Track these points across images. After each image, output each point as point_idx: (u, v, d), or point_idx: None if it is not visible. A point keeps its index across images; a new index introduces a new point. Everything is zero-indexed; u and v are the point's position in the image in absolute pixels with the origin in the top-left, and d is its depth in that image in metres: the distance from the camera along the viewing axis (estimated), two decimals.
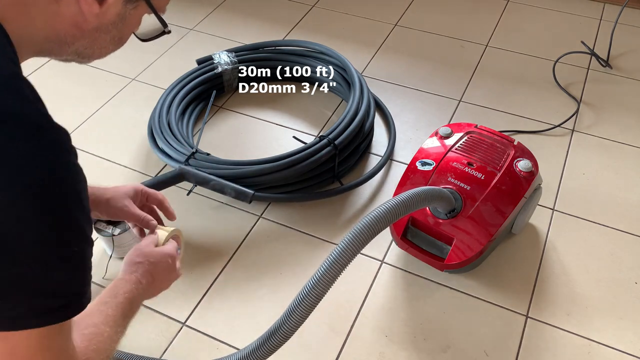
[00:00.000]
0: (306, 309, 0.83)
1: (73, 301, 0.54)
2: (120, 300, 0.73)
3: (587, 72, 1.72)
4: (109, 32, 0.60)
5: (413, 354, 1.07)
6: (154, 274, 0.81)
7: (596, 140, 1.50)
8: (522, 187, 1.12)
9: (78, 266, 0.54)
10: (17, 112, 0.48)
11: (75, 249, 0.52)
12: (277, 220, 1.31)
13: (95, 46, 0.60)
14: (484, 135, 1.20)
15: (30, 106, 0.49)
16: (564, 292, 1.16)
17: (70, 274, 0.53)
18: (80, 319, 0.63)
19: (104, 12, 0.56)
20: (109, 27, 0.59)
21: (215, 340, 1.09)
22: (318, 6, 2.03)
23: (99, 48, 0.61)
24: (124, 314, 0.73)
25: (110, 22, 0.58)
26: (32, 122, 0.48)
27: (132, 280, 0.78)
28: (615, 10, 1.88)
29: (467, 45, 1.84)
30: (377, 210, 0.86)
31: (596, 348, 1.07)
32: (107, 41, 0.61)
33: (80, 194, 0.52)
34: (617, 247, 1.24)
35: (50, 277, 0.51)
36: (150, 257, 0.82)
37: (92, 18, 0.56)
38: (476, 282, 1.18)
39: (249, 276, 1.20)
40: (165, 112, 1.45)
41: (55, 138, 0.50)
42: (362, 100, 1.43)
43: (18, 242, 0.47)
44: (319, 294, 0.83)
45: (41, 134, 0.49)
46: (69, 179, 0.51)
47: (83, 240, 0.53)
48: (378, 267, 1.21)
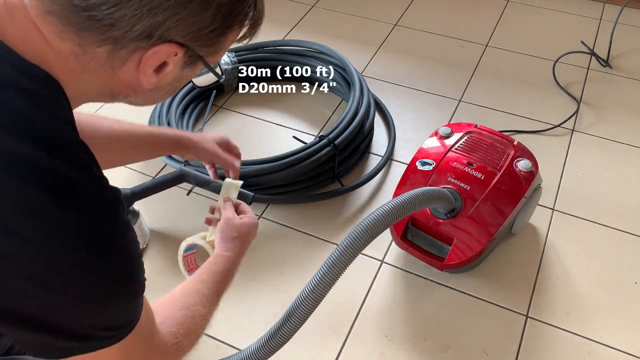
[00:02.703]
0: (306, 311, 0.84)
1: (134, 320, 0.57)
2: (217, 279, 0.77)
3: (587, 72, 1.72)
4: (164, 89, 0.60)
5: (413, 353, 1.07)
6: (246, 246, 0.89)
7: (596, 140, 1.50)
8: (522, 187, 1.12)
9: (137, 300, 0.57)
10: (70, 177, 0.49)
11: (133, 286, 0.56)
12: (277, 220, 1.31)
13: (148, 100, 0.62)
14: (483, 135, 1.20)
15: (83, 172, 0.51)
16: (563, 292, 1.16)
17: (128, 308, 0.56)
18: (176, 299, 0.70)
19: (161, 79, 0.56)
20: (165, 87, 0.60)
21: (215, 340, 1.10)
22: (318, 6, 2.03)
23: (152, 100, 0.62)
24: (219, 292, 0.77)
25: (166, 84, 0.59)
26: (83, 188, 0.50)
27: (229, 258, 0.83)
28: (615, 10, 1.88)
29: (467, 45, 1.84)
30: (377, 212, 0.86)
31: (596, 348, 1.07)
32: (161, 96, 0.62)
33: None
34: (617, 247, 1.24)
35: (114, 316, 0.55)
36: (243, 230, 0.89)
37: (149, 85, 0.56)
38: (476, 282, 1.18)
39: (249, 276, 1.20)
40: (165, 112, 1.45)
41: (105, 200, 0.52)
42: (362, 100, 1.43)
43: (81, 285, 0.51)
44: (318, 297, 0.83)
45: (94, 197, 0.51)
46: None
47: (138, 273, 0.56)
48: (378, 267, 1.21)
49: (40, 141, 0.47)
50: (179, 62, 0.56)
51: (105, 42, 0.51)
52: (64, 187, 0.48)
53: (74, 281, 0.49)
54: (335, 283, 0.83)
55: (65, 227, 0.47)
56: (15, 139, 0.46)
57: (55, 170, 0.47)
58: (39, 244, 0.46)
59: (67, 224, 0.48)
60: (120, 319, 0.55)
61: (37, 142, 0.47)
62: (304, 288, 0.84)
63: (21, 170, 0.46)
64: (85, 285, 0.50)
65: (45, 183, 0.46)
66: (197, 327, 0.70)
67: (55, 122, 0.49)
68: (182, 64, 0.56)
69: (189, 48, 0.54)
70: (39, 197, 0.46)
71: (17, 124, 0.46)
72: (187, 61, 0.56)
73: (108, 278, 0.52)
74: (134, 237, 0.55)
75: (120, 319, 0.55)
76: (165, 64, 0.55)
